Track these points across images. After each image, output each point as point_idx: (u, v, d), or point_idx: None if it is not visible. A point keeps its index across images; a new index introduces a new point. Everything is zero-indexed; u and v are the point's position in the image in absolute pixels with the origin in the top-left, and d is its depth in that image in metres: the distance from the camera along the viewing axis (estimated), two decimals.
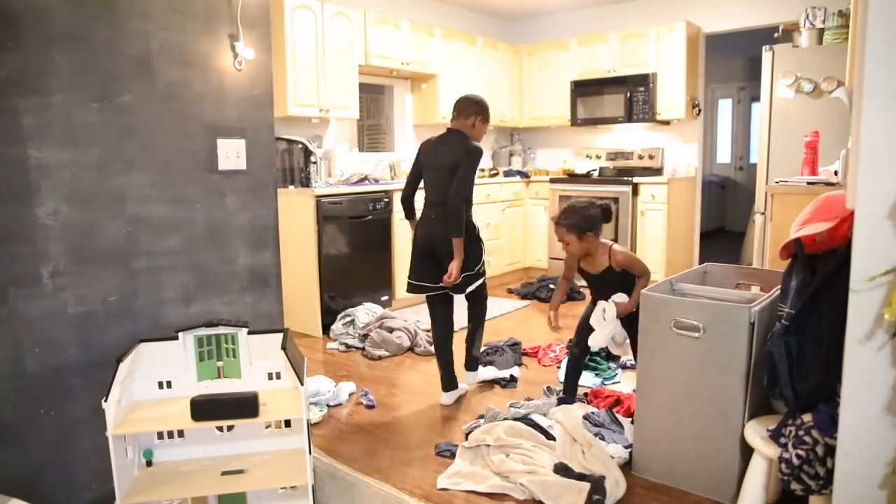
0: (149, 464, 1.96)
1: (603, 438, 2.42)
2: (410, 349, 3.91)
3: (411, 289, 3.07)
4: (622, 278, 2.61)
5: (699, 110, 5.69)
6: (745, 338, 1.97)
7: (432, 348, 3.89)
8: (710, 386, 2.07)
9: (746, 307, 1.98)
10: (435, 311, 3.12)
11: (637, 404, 2.30)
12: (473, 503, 2.19)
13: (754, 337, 1.97)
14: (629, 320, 2.53)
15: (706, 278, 2.68)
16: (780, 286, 2.10)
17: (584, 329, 2.69)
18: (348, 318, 4.15)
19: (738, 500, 1.97)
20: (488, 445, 2.39)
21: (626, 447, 2.37)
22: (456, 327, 4.37)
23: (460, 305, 3.16)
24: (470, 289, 2.99)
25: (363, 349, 3.90)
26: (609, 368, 3.37)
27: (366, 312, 4.14)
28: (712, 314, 2.05)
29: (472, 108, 2.97)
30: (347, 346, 3.98)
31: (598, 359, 3.41)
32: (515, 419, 2.58)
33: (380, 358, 3.76)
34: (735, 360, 2.01)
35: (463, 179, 2.84)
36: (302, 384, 1.84)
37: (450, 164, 2.87)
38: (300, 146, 4.52)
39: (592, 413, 2.59)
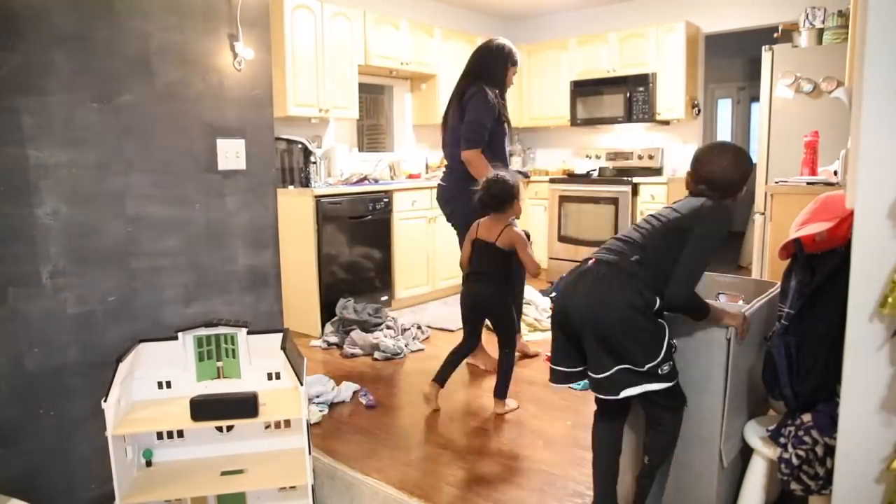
0: (148, 464, 1.96)
1: None
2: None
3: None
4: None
5: (699, 110, 5.69)
6: (722, 355, 1.82)
7: (421, 345, 3.94)
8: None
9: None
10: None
11: None
12: (475, 503, 2.19)
13: (731, 353, 1.82)
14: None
15: None
16: (762, 297, 2.08)
17: None
18: (337, 318, 4.16)
19: (738, 501, 1.97)
20: None
21: None
22: (455, 327, 4.41)
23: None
24: (627, 392, 1.77)
25: (342, 347, 3.92)
26: None
27: (354, 311, 4.14)
28: (686, 329, 1.88)
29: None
30: (329, 343, 4.00)
31: None
32: None
33: (353, 356, 3.78)
34: (711, 380, 1.85)
35: None
36: (301, 384, 1.84)
37: None
38: (300, 146, 4.52)
39: None
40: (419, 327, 4.22)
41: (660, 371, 1.74)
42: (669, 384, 1.75)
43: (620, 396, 1.74)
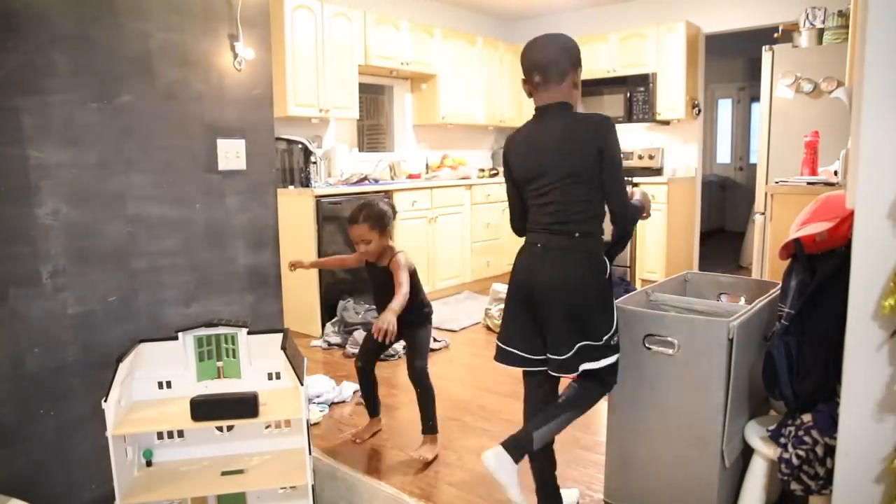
0: (149, 464, 1.96)
1: None
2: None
3: (500, 357, 1.96)
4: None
5: (699, 110, 5.69)
6: (724, 355, 1.82)
7: (433, 345, 3.91)
8: (686, 408, 1.91)
9: (724, 322, 1.83)
10: (532, 396, 2.03)
11: (608, 425, 2.14)
12: (475, 503, 2.19)
13: (733, 354, 1.83)
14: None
15: (686, 288, 2.55)
16: (763, 297, 2.09)
17: (368, 339, 2.63)
18: (337, 318, 4.16)
19: (739, 501, 1.97)
20: None
21: None
22: (457, 327, 4.41)
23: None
24: (588, 366, 1.83)
25: (344, 347, 3.92)
26: None
27: (354, 312, 4.15)
28: (688, 329, 1.89)
29: (564, 61, 1.85)
30: (330, 343, 4.01)
31: None
32: None
33: (354, 356, 3.76)
34: (713, 380, 1.85)
35: (618, 170, 1.82)
36: (302, 384, 1.84)
37: (573, 157, 1.80)
38: (300, 146, 4.52)
39: None
40: (435, 339, 4.07)
41: (612, 342, 1.87)
42: (618, 356, 1.90)
43: (579, 370, 1.83)
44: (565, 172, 1.80)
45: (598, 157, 1.78)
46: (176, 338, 1.92)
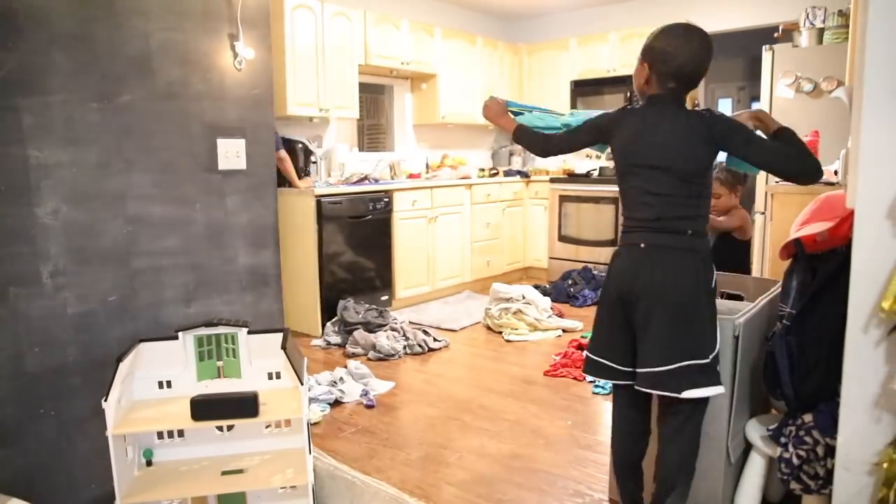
0: (149, 463, 1.96)
1: None
2: (403, 349, 3.89)
3: (591, 369, 1.88)
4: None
5: None
6: (730, 353, 1.82)
7: (433, 345, 3.91)
8: None
9: (730, 319, 1.81)
10: (620, 414, 1.93)
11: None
12: (475, 503, 2.19)
13: (739, 351, 1.83)
14: None
15: None
16: (764, 296, 2.09)
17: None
18: (337, 318, 4.17)
19: (736, 498, 1.97)
20: None
21: None
22: (457, 326, 4.41)
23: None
24: (692, 393, 1.68)
25: (344, 347, 3.93)
26: None
27: (354, 311, 4.15)
28: None
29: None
30: (330, 343, 4.01)
31: None
32: None
33: (354, 356, 3.79)
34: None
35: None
36: (302, 384, 1.84)
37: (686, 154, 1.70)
38: (300, 146, 4.52)
39: None
40: (435, 339, 4.07)
41: (718, 367, 1.71)
42: (721, 389, 1.71)
43: (682, 396, 1.66)
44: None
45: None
46: (176, 337, 1.92)
